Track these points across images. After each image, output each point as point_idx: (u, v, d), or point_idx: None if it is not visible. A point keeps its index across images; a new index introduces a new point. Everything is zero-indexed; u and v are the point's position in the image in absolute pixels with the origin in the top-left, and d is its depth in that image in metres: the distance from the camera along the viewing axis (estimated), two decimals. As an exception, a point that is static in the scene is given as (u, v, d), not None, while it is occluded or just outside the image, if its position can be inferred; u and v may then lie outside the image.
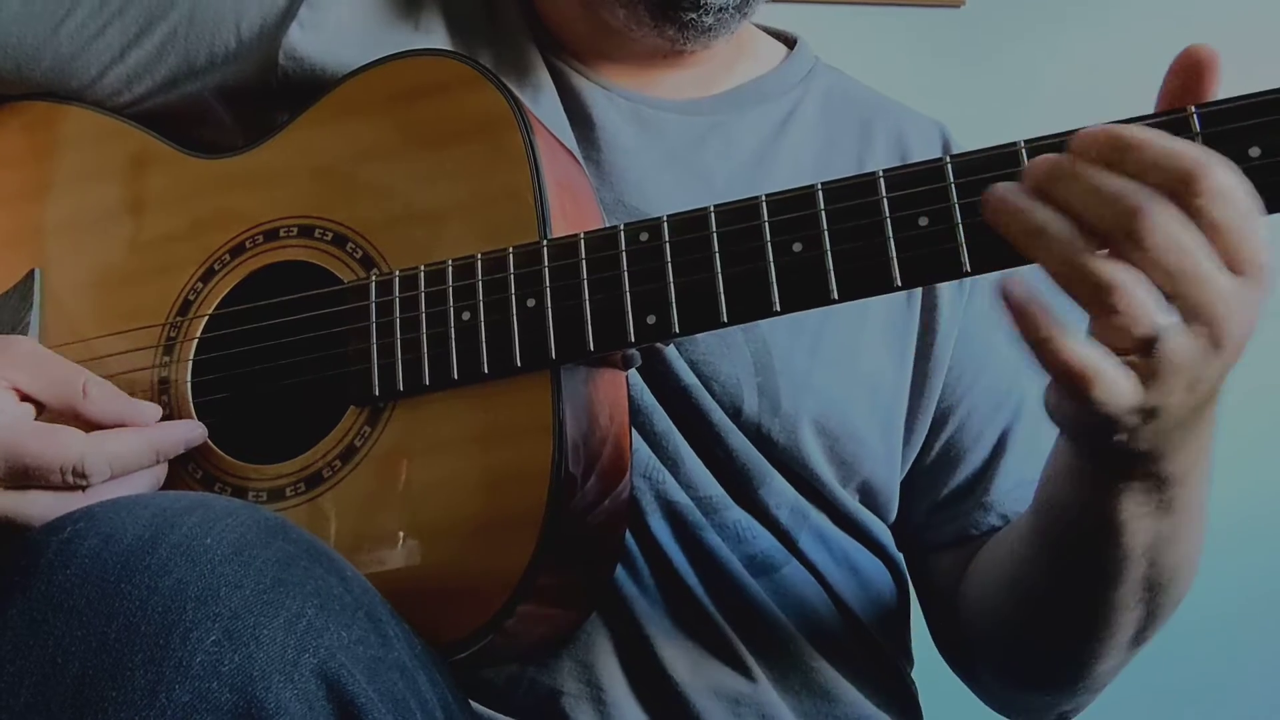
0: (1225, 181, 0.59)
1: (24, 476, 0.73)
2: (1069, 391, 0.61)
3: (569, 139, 0.90)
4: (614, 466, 0.79)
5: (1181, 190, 0.59)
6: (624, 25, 0.91)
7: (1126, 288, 0.58)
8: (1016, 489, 0.92)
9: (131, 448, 0.76)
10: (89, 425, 0.77)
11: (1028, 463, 0.91)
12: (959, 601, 0.93)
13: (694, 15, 0.89)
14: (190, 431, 0.80)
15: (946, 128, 1.03)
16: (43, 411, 0.78)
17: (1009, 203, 0.62)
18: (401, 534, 0.75)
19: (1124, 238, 0.59)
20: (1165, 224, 0.58)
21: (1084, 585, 0.77)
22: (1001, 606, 0.87)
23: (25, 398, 0.77)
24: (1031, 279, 0.61)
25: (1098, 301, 0.59)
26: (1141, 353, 0.60)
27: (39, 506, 0.73)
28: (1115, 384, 0.60)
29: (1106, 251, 0.59)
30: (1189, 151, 0.59)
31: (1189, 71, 0.64)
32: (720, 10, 0.89)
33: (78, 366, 0.79)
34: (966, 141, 1.04)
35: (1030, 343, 0.60)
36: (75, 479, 0.73)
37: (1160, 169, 0.59)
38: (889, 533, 0.95)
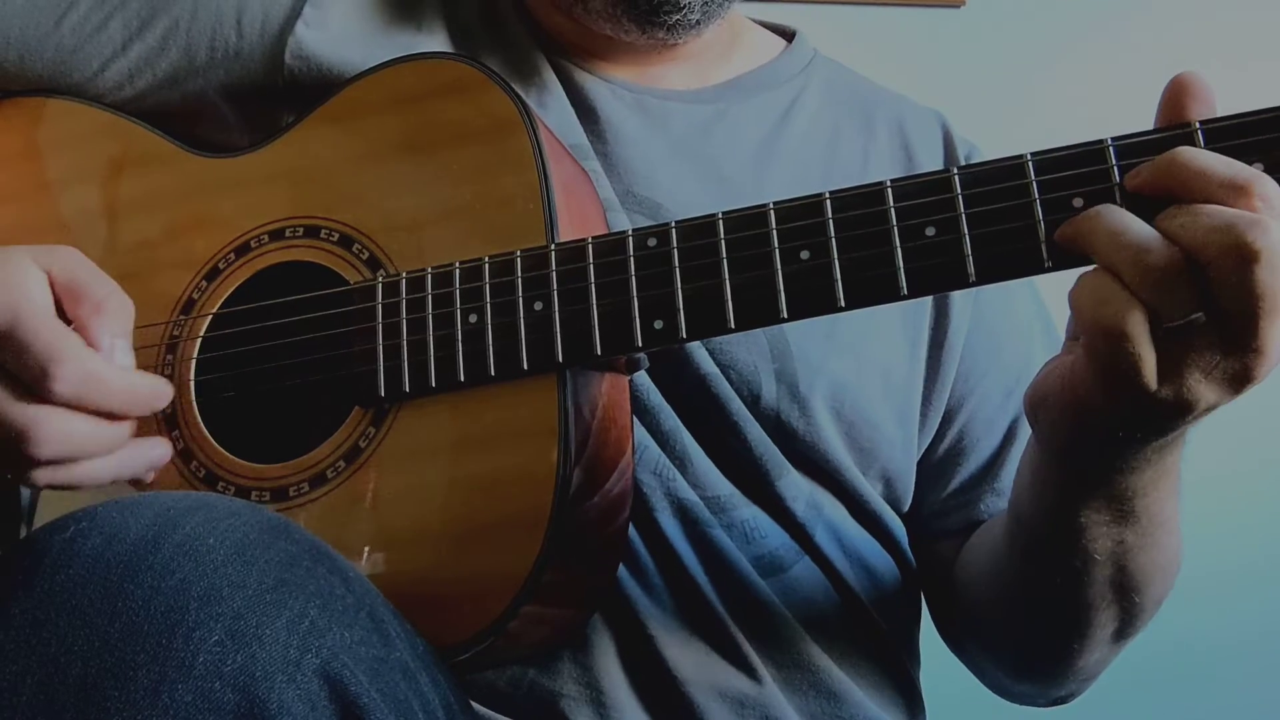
0: None
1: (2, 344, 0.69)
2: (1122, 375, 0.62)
3: (577, 133, 0.91)
4: (617, 469, 0.79)
5: None
6: (612, 34, 0.92)
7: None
8: None
9: (119, 385, 0.72)
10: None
11: None
12: (953, 586, 0.95)
13: (678, 16, 0.89)
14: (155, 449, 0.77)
15: (945, 117, 1.04)
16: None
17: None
18: (405, 535, 0.75)
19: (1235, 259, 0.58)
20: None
21: (1052, 585, 0.79)
22: (986, 596, 0.89)
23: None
24: None
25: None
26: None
27: None
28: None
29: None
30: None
31: (1178, 100, 0.65)
32: (706, 2, 0.89)
33: (113, 286, 0.75)
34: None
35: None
36: (40, 377, 0.69)
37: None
38: (904, 528, 0.95)
